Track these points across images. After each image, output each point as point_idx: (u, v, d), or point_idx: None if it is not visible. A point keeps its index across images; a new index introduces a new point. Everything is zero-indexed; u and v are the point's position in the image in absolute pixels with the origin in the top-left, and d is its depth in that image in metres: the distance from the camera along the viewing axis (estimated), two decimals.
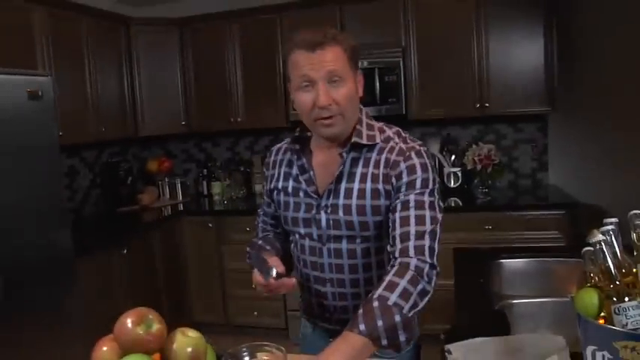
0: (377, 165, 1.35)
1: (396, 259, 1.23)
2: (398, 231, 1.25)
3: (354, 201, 1.35)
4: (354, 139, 1.35)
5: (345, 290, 1.42)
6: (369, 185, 1.34)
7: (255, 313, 3.79)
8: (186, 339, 0.95)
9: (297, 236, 1.47)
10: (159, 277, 3.63)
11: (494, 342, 1.26)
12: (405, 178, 1.30)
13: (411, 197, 1.28)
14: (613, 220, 1.17)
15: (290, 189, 1.46)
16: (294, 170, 1.46)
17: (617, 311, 1.05)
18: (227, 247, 3.82)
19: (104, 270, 3.08)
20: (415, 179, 1.30)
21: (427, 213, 1.26)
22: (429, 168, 1.33)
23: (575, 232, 3.19)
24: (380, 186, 1.33)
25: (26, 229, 2.43)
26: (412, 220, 1.25)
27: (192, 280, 3.93)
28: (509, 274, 2.01)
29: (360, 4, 3.65)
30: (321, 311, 1.48)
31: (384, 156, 1.35)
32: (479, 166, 3.58)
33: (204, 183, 4.40)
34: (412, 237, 1.23)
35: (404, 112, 3.54)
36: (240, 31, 3.93)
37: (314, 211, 1.40)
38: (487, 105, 3.52)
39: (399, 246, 1.23)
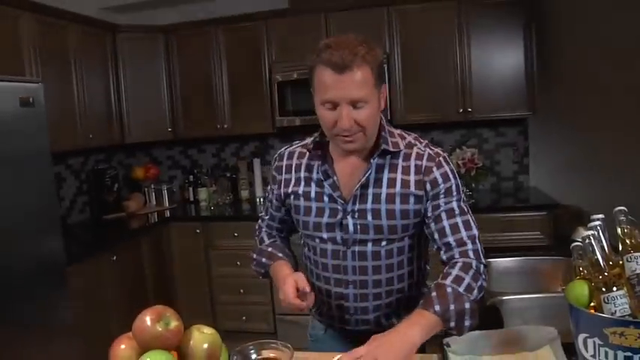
0: (406, 171, 1.40)
1: (454, 259, 1.35)
2: (451, 238, 1.37)
3: (383, 205, 1.40)
4: (383, 146, 1.39)
5: (367, 291, 1.47)
6: (398, 190, 1.39)
7: (244, 317, 3.81)
8: (203, 336, 0.98)
9: (317, 240, 1.49)
10: (147, 284, 3.63)
11: (489, 335, 1.31)
12: (441, 185, 1.38)
13: (454, 204, 1.38)
14: (600, 216, 1.24)
15: (313, 194, 1.46)
16: (316, 175, 1.46)
17: (606, 300, 1.11)
18: (214, 253, 3.84)
19: (94, 277, 3.07)
20: (451, 186, 1.39)
21: (469, 218, 1.40)
22: (456, 173, 1.43)
23: (556, 232, 3.29)
24: (411, 191, 1.39)
25: (18, 237, 2.42)
26: (461, 227, 1.37)
27: (180, 285, 3.93)
28: (497, 272, 2.08)
29: (346, 12, 3.71)
30: (340, 313, 1.51)
31: (412, 162, 1.40)
32: (463, 170, 3.67)
33: (191, 189, 4.41)
34: (468, 242, 1.36)
35: (389, 117, 3.61)
36: (226, 38, 3.96)
37: (340, 216, 1.43)
38: (470, 110, 3.61)
39: (457, 249, 1.36)
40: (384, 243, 1.42)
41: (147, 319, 0.94)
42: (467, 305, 1.26)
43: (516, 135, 3.96)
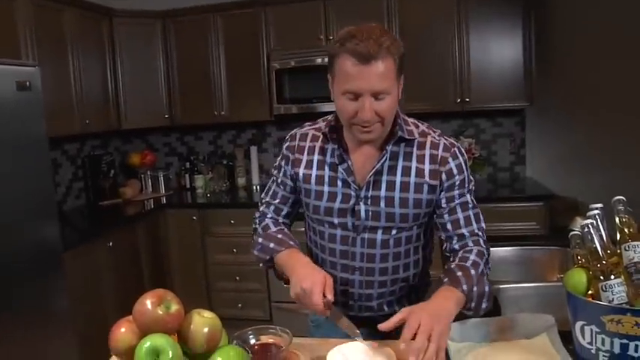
0: (421, 160, 1.40)
1: (468, 246, 1.40)
2: (465, 230, 1.41)
3: (397, 194, 1.40)
4: (399, 133, 1.39)
5: (373, 278, 1.47)
6: (412, 179, 1.40)
7: (240, 305, 3.82)
8: (203, 319, 0.98)
9: (326, 225, 1.47)
10: (143, 270, 3.63)
11: (486, 322, 1.32)
12: (457, 177, 1.41)
13: (468, 198, 1.42)
14: (598, 205, 1.25)
15: (326, 178, 1.45)
16: (330, 158, 1.45)
17: (604, 288, 1.12)
18: (210, 240, 3.84)
19: (90, 263, 3.07)
20: (464, 178, 1.42)
21: (479, 210, 1.44)
22: (467, 164, 1.46)
23: (552, 223, 3.30)
24: (425, 180, 1.40)
25: (13, 222, 2.41)
26: (473, 219, 1.42)
27: (176, 272, 3.94)
28: (493, 261, 2.07)
29: (345, 0, 3.69)
30: (344, 298, 1.50)
31: (427, 151, 1.41)
32: None
33: (187, 176, 4.40)
34: (479, 233, 1.42)
35: None
36: (224, 24, 3.94)
37: (352, 202, 1.42)
38: (467, 100, 3.61)
39: (470, 239, 1.41)
40: (394, 231, 1.43)
41: (148, 302, 0.94)
42: (487, 288, 1.31)
43: (513, 125, 3.97)
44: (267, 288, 3.74)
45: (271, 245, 1.45)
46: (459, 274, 1.29)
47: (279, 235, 1.48)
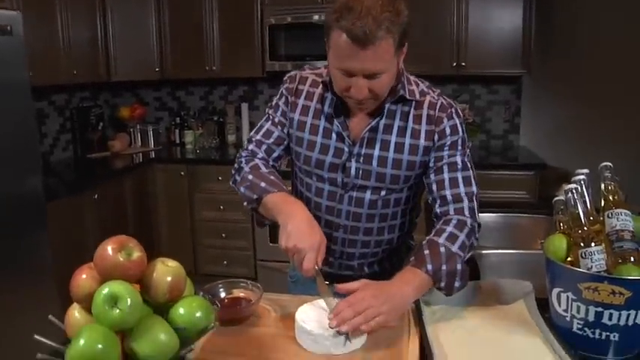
0: (417, 120, 1.34)
1: (448, 214, 1.32)
2: (448, 191, 1.33)
3: (390, 154, 1.34)
4: (401, 92, 1.31)
5: (357, 237, 1.44)
6: (407, 140, 1.34)
7: (225, 262, 3.81)
8: (167, 268, 0.95)
9: (314, 178, 1.42)
10: (129, 224, 3.60)
11: (466, 286, 1.29)
12: (448, 138, 1.33)
13: (458, 159, 1.34)
14: (584, 170, 1.22)
15: (321, 128, 1.38)
16: (327, 108, 1.37)
17: (583, 255, 1.10)
18: (198, 196, 3.80)
19: (74, 215, 3.03)
20: (457, 140, 1.34)
21: (471, 174, 1.35)
22: (465, 128, 1.38)
23: (541, 193, 3.28)
24: (420, 142, 1.34)
25: None
26: (461, 182, 1.33)
27: (162, 227, 3.91)
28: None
29: None
30: (325, 254, 1.46)
31: (424, 111, 1.34)
32: None
33: (177, 131, 4.33)
34: (464, 198, 1.32)
35: None
36: None
37: (344, 158, 1.36)
38: (463, 64, 3.53)
39: (452, 205, 1.32)
40: (383, 192, 1.38)
41: (108, 248, 0.90)
42: (459, 266, 1.23)
43: (509, 93, 3.89)
44: (253, 246, 3.72)
45: (262, 184, 1.33)
46: (426, 252, 1.23)
47: (272, 177, 1.36)
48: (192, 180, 3.80)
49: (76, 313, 0.93)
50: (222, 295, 1.26)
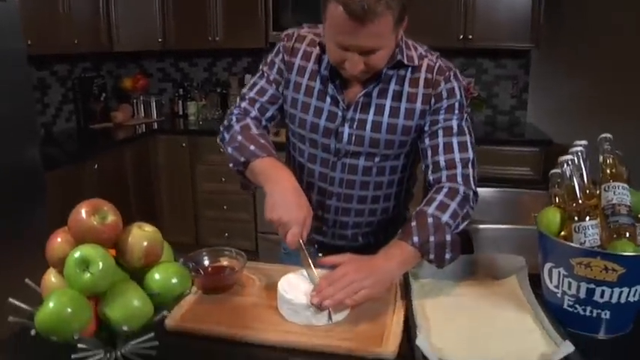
0: (414, 83, 1.29)
1: (440, 182, 1.26)
2: (442, 157, 1.27)
3: (385, 119, 1.29)
4: (399, 57, 1.26)
5: (351, 206, 1.40)
6: (403, 105, 1.29)
7: (226, 234, 3.81)
8: (143, 233, 0.92)
9: (307, 144, 1.38)
10: (130, 195, 3.59)
11: (457, 260, 1.26)
12: (444, 101, 1.28)
13: (454, 123, 1.28)
14: (582, 142, 1.17)
15: (316, 91, 1.33)
16: (323, 70, 1.31)
17: (576, 229, 1.06)
18: (201, 168, 3.78)
19: (73, 185, 3.02)
20: (454, 103, 1.29)
21: (468, 139, 1.29)
22: (464, 92, 1.32)
23: (545, 170, 3.22)
24: (417, 106, 1.29)
25: None
26: (455, 147, 1.27)
27: (163, 199, 3.91)
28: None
29: None
30: (318, 223, 1.43)
31: (422, 75, 1.29)
32: None
33: (180, 103, 4.28)
34: (458, 165, 1.26)
35: None
36: None
37: (337, 122, 1.31)
38: (470, 37, 3.44)
39: (445, 172, 1.26)
40: (377, 159, 1.34)
41: (82, 211, 0.88)
42: (448, 237, 1.17)
43: (517, 68, 3.80)
44: (254, 218, 3.71)
45: (251, 147, 1.27)
46: (413, 224, 1.17)
47: (262, 140, 1.30)
48: (194, 151, 3.77)
49: (52, 277, 0.91)
50: (206, 263, 1.24)
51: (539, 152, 3.25)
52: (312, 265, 1.14)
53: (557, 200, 1.17)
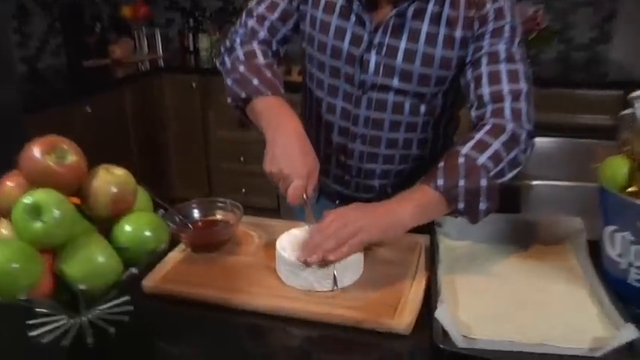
0: (455, 4, 1.24)
1: (484, 119, 1.21)
2: (487, 89, 1.22)
3: (420, 47, 1.25)
4: None
5: (378, 151, 1.38)
6: (442, 30, 1.24)
7: (243, 190, 3.83)
8: (110, 176, 0.91)
9: (327, 72, 1.35)
10: (131, 144, 3.64)
11: (497, 220, 1.22)
12: (491, 24, 1.23)
13: (501, 47, 1.23)
14: None
15: (338, 7, 1.28)
16: None
17: None
18: (213, 113, 3.79)
19: (62, 131, 3.01)
20: (503, 26, 1.23)
21: (520, 67, 1.23)
22: (516, 14, 1.26)
23: None
24: (457, 32, 1.24)
25: None
26: (504, 77, 1.22)
27: (171, 149, 3.96)
28: (537, 153, 1.96)
29: None
30: (339, 172, 1.42)
31: None
32: None
33: (190, 36, 4.27)
34: (507, 97, 1.20)
35: None
36: None
37: (362, 47, 1.28)
38: None
39: (489, 107, 1.21)
40: (410, 95, 1.30)
41: (35, 149, 0.87)
42: (483, 182, 1.11)
43: None
44: None
45: (255, 82, 1.26)
46: (440, 165, 1.13)
47: (268, 74, 1.29)
48: (207, 93, 3.77)
49: (1, 229, 0.91)
50: (197, 216, 1.25)
51: (623, 96, 3.11)
52: (313, 217, 1.13)
53: (627, 146, 1.11)
